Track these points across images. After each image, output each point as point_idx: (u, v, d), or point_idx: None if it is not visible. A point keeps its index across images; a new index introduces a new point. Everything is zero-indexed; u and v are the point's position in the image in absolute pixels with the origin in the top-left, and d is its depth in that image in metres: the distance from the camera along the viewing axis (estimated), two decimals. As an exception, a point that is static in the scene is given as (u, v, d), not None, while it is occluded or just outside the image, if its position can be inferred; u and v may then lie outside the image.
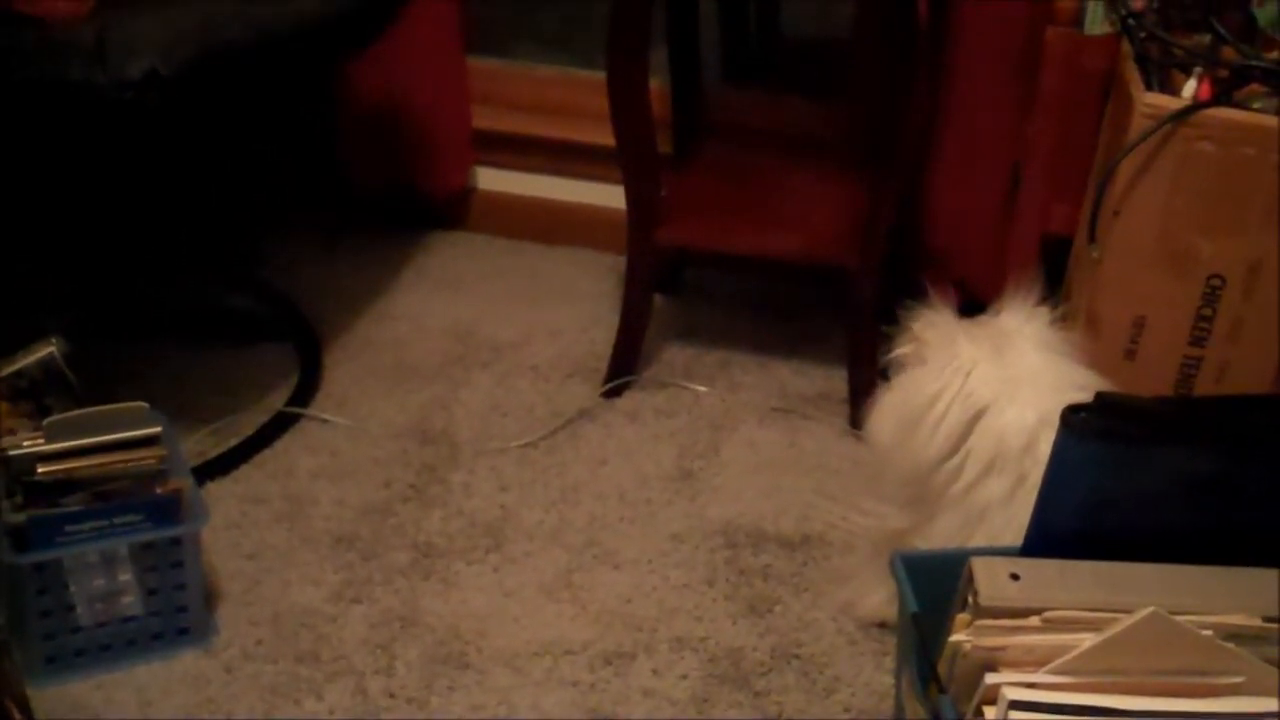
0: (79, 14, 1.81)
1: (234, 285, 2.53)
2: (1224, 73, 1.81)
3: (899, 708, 1.54)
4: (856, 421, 2.19)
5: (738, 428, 2.20)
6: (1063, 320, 1.74)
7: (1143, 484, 1.39)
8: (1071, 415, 1.35)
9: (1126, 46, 1.91)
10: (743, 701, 1.72)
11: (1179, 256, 1.84)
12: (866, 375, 2.20)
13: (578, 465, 2.12)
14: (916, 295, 2.44)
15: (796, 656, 1.79)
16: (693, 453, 2.14)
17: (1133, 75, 1.85)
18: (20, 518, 1.68)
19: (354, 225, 2.68)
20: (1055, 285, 2.11)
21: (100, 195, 2.28)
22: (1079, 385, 1.62)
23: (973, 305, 2.40)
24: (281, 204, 2.71)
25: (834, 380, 2.28)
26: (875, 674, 1.76)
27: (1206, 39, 1.86)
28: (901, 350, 1.76)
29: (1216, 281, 1.84)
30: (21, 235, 2.15)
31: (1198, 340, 1.88)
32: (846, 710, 1.71)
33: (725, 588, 1.90)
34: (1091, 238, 1.88)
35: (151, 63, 1.73)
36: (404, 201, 2.68)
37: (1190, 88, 1.82)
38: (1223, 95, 1.79)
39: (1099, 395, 1.37)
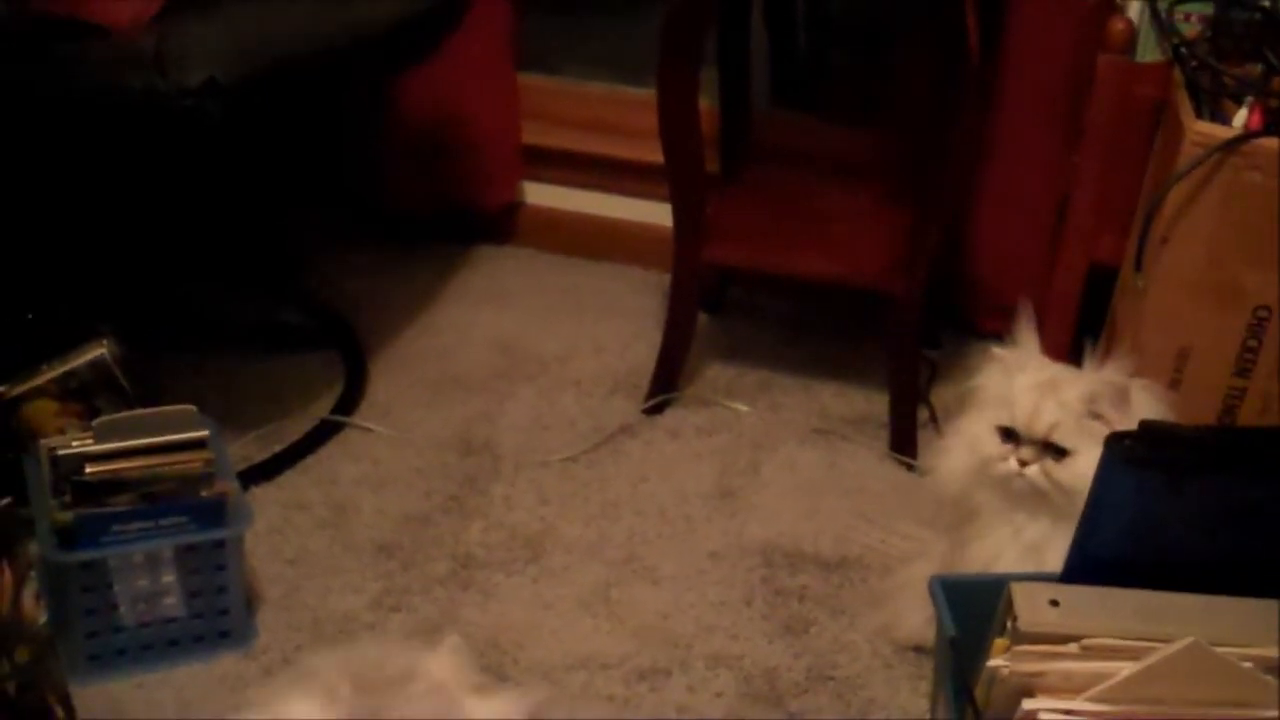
0: (141, 22, 1.84)
1: (282, 295, 2.56)
2: (1275, 103, 1.81)
3: (934, 731, 1.54)
4: (897, 445, 2.19)
5: (778, 448, 2.20)
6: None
7: (1185, 513, 1.38)
8: (1116, 443, 1.35)
9: (1178, 75, 1.90)
10: (777, 721, 1.73)
11: (1225, 287, 1.83)
12: (908, 400, 2.20)
13: (618, 481, 2.13)
14: (960, 324, 2.45)
15: (831, 678, 1.79)
16: (733, 471, 2.15)
17: (1184, 103, 1.85)
18: (68, 516, 1.70)
19: (402, 238, 2.70)
20: (1100, 315, 2.12)
21: (157, 201, 2.31)
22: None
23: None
24: (332, 215, 2.74)
25: (875, 403, 2.28)
26: (910, 698, 1.75)
27: (1258, 68, 1.85)
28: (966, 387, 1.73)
29: (1263, 313, 1.83)
30: (78, 238, 2.18)
31: (1242, 371, 1.87)
32: (881, 733, 1.71)
33: (762, 607, 1.90)
34: (1138, 266, 1.88)
35: (211, 72, 1.75)
36: (452, 215, 2.71)
37: (1241, 117, 1.81)
38: (1273, 125, 1.78)
39: (1143, 423, 1.37)
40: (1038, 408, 1.59)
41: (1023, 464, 1.61)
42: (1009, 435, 1.62)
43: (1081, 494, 1.49)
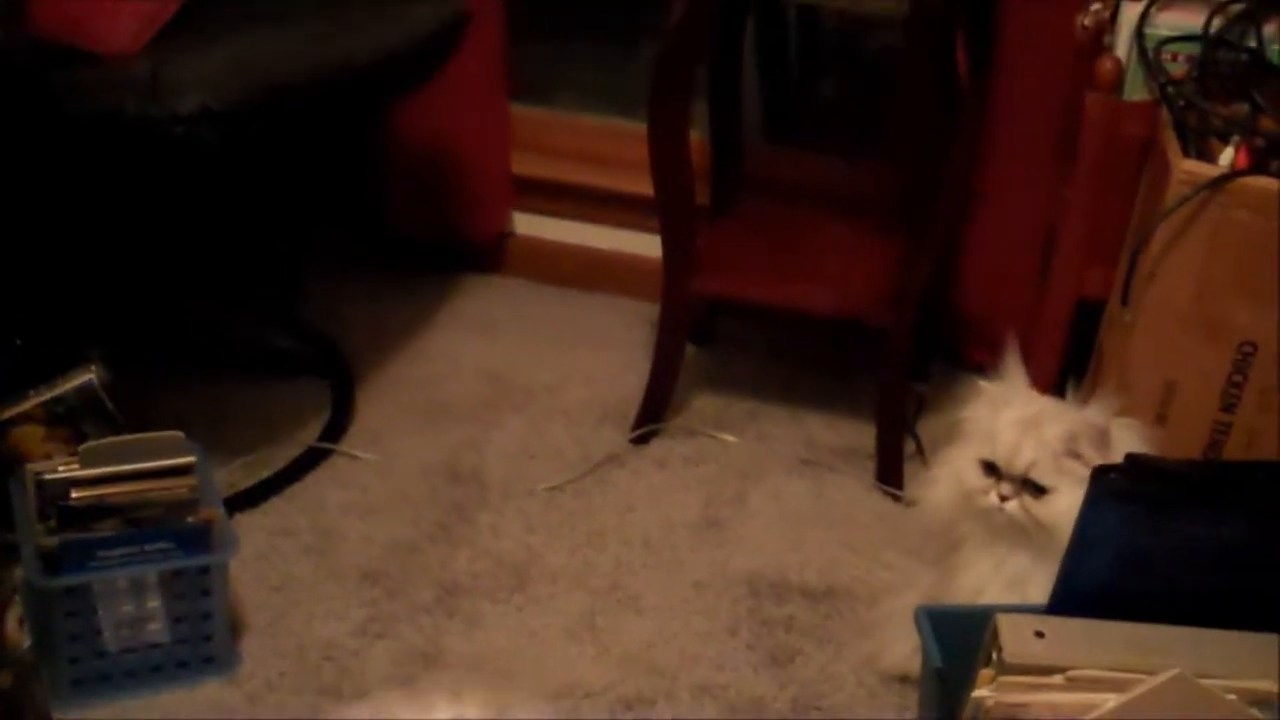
0: (134, 50, 1.85)
1: (271, 321, 2.56)
2: (1261, 142, 1.82)
3: (919, 763, 1.54)
4: (884, 476, 2.19)
5: (765, 478, 2.21)
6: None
7: (1170, 546, 1.39)
8: (1101, 475, 1.36)
9: (1165, 114, 1.92)
10: (762, 752, 1.72)
11: (1212, 323, 1.85)
12: (896, 431, 2.20)
13: (605, 510, 2.13)
14: (949, 356, 2.46)
15: (818, 708, 1.79)
16: (719, 501, 2.15)
17: (1171, 142, 1.86)
18: (52, 541, 1.70)
19: (393, 266, 2.71)
20: (1088, 350, 2.12)
21: (148, 227, 2.31)
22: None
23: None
24: (323, 243, 2.74)
25: (862, 435, 2.28)
26: (896, 729, 1.76)
27: (1245, 108, 1.87)
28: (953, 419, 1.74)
29: (1248, 349, 1.84)
30: (69, 263, 2.18)
31: (1228, 407, 1.88)
32: (866, 765, 1.71)
33: (748, 637, 1.90)
34: (1125, 301, 1.89)
35: (204, 99, 1.76)
36: (443, 244, 2.71)
37: (1227, 156, 1.83)
38: (1259, 164, 1.80)
39: (1129, 457, 1.38)
40: (1018, 445, 1.60)
41: (1003, 499, 1.61)
42: (991, 469, 1.63)
43: (1060, 531, 1.51)
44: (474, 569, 2.00)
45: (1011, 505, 1.61)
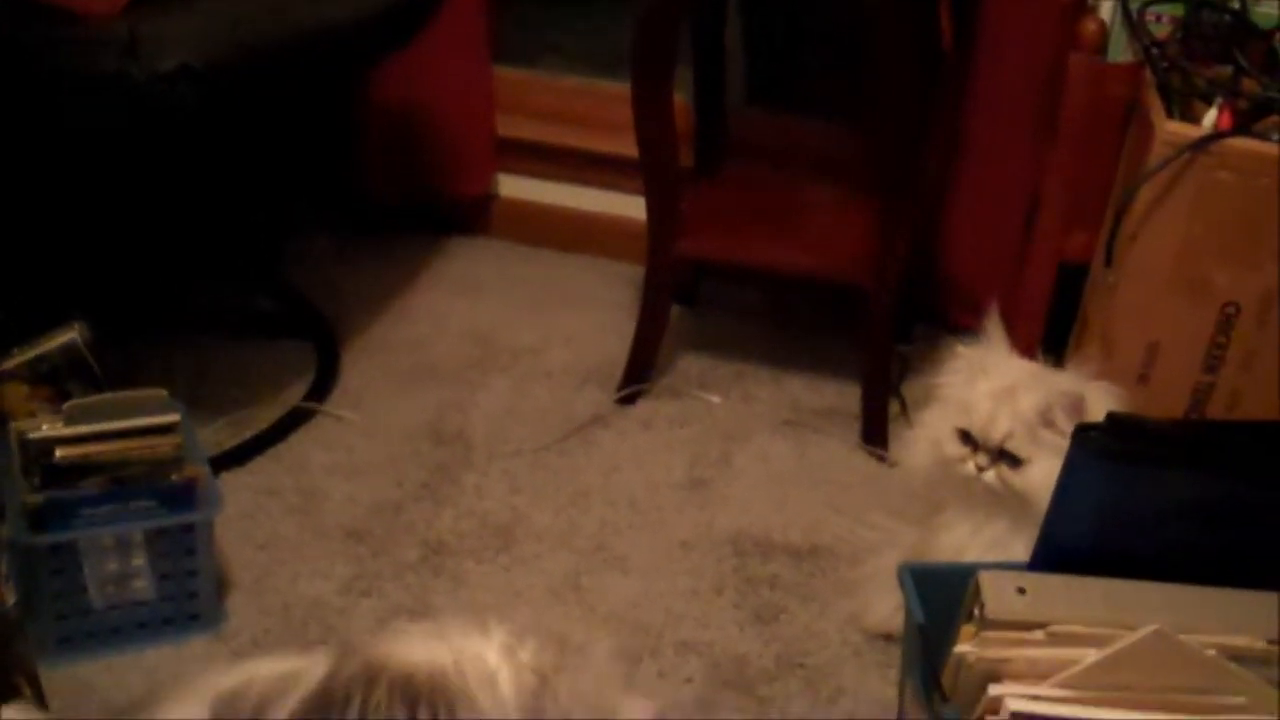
0: (113, 9, 1.83)
1: (255, 283, 2.56)
2: (1244, 103, 1.83)
3: (901, 718, 1.55)
4: (868, 437, 2.20)
5: (750, 439, 2.21)
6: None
7: (1151, 504, 1.40)
8: (1083, 434, 1.37)
9: (1149, 75, 1.93)
10: (746, 707, 1.73)
11: (1195, 284, 1.86)
12: (879, 392, 2.21)
13: (590, 471, 2.13)
14: (933, 318, 2.47)
15: (801, 665, 1.80)
16: (704, 462, 2.16)
17: (1154, 103, 1.87)
18: (37, 499, 1.70)
19: (376, 228, 2.70)
20: (1071, 313, 2.13)
21: (131, 187, 2.30)
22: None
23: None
24: (305, 205, 2.74)
25: (846, 396, 2.29)
26: (879, 685, 1.77)
27: (1228, 70, 1.88)
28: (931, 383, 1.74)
29: (1231, 310, 1.85)
30: (52, 223, 2.17)
31: (1210, 367, 1.89)
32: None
33: (733, 595, 1.91)
34: (1108, 262, 1.90)
35: (184, 58, 1.75)
36: (426, 206, 2.71)
37: (1211, 117, 1.83)
38: (1243, 126, 1.81)
39: (1110, 415, 1.39)
40: (993, 416, 1.61)
41: (980, 469, 1.62)
42: (967, 438, 1.63)
43: (1037, 500, 1.52)
44: (459, 529, 2.00)
45: (988, 475, 1.62)
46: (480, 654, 1.27)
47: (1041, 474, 1.57)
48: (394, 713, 1.19)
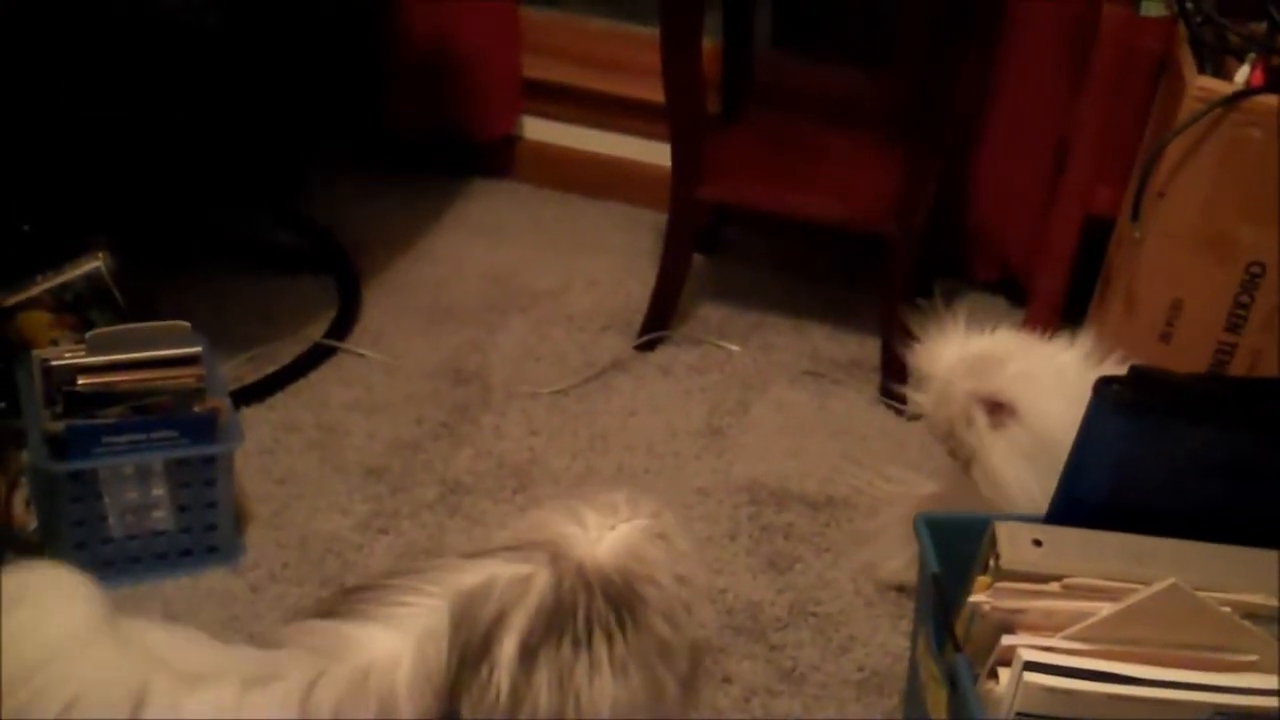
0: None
1: (278, 218, 2.56)
2: (1278, 60, 1.81)
3: (913, 669, 1.56)
4: (887, 390, 2.20)
5: (768, 388, 2.21)
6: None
7: (1170, 459, 1.40)
8: (1105, 386, 1.36)
9: (1182, 29, 1.91)
10: (758, 654, 1.74)
11: (1220, 241, 1.84)
12: (899, 345, 2.20)
13: (608, 415, 2.13)
14: (954, 271, 2.46)
15: (814, 614, 1.80)
16: (722, 410, 2.16)
17: (1186, 58, 1.85)
18: (59, 427, 1.70)
19: (399, 168, 2.70)
20: (1095, 268, 2.12)
21: (155, 115, 2.29)
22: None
23: (1011, 284, 2.43)
24: (330, 143, 2.73)
25: (866, 348, 2.29)
26: (891, 636, 1.77)
27: (1263, 26, 1.86)
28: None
29: (1256, 269, 1.84)
30: (76, 150, 2.17)
31: (1233, 327, 1.88)
32: (860, 669, 1.72)
33: (747, 543, 1.91)
34: (1135, 217, 1.89)
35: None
36: (450, 146, 2.70)
37: (1243, 74, 1.82)
38: (1275, 83, 1.79)
39: (1133, 368, 1.38)
40: (933, 419, 1.66)
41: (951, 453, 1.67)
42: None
43: (994, 496, 1.57)
44: (476, 468, 2.01)
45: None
46: (648, 547, 1.30)
47: (987, 470, 1.60)
48: (608, 619, 1.23)
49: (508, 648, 1.21)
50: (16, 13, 1.79)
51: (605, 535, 1.28)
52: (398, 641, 1.21)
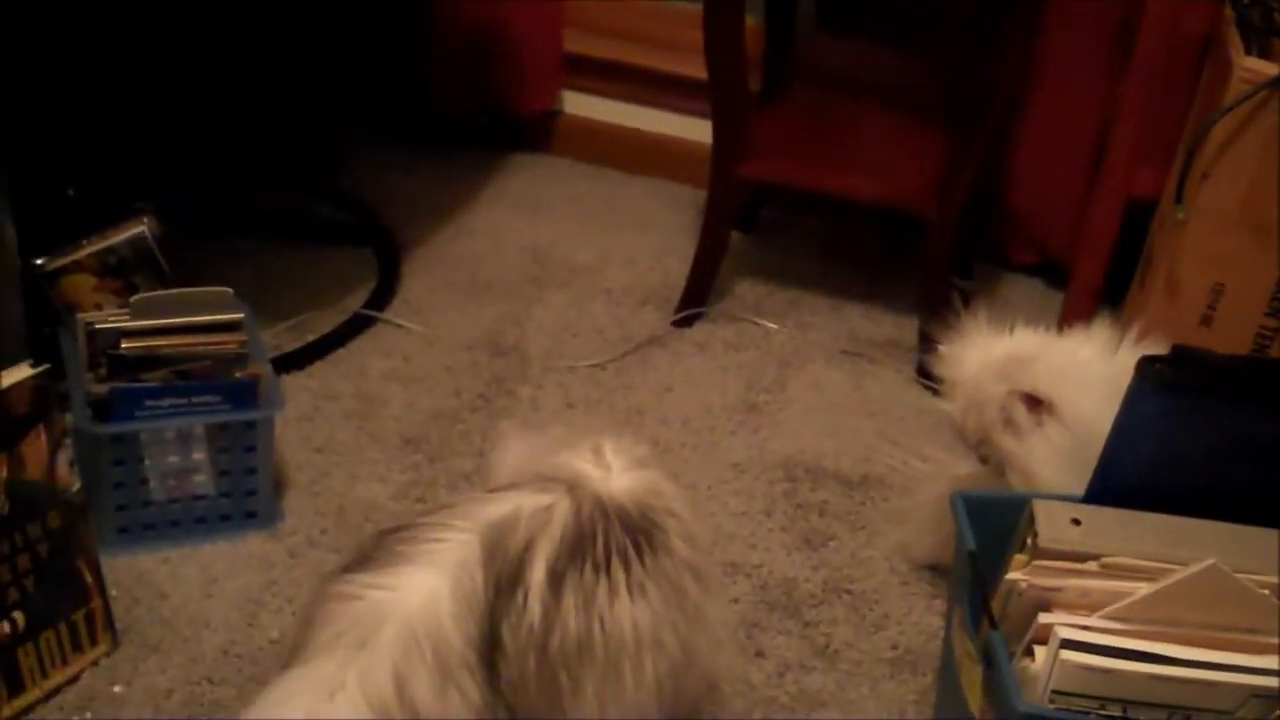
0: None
1: (320, 190, 2.57)
2: (1326, 43, 1.80)
3: (947, 647, 1.56)
4: (924, 370, 2.19)
5: (805, 366, 2.22)
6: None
7: (1211, 441, 1.39)
8: (1147, 365, 1.36)
9: (1229, 10, 1.89)
10: (792, 630, 1.74)
11: (1264, 226, 1.83)
12: (937, 326, 2.20)
13: (644, 390, 2.14)
14: (994, 254, 2.46)
15: (848, 591, 1.81)
16: (759, 387, 2.16)
17: (1233, 39, 1.84)
18: (102, 389, 1.72)
19: (440, 142, 2.71)
20: (1135, 251, 2.11)
21: (201, 84, 2.31)
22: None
23: (1049, 268, 2.42)
24: (372, 117, 2.74)
25: (904, 328, 2.29)
26: (925, 614, 1.77)
27: (1312, 9, 1.84)
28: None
29: (1300, 254, 1.83)
30: (123, 116, 2.18)
31: (1274, 312, 1.87)
32: (894, 647, 1.73)
33: (782, 519, 1.92)
34: (1178, 199, 1.88)
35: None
36: (490, 120, 2.71)
37: (1291, 56, 1.80)
38: (1323, 66, 1.78)
39: (1175, 348, 1.38)
40: (963, 426, 1.66)
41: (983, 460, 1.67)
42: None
43: (1032, 484, 1.56)
44: (513, 440, 2.02)
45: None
46: (665, 483, 1.41)
47: (1022, 471, 1.60)
48: (625, 546, 1.32)
49: (538, 573, 1.27)
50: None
51: (621, 473, 1.37)
52: (435, 579, 1.25)
